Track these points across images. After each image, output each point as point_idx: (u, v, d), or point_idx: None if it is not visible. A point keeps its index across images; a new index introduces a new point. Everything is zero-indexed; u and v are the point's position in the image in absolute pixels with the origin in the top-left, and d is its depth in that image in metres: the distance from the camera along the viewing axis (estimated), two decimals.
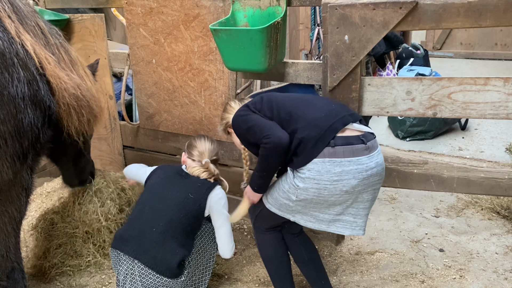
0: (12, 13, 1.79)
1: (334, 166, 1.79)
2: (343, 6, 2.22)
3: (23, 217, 1.95)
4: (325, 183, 1.81)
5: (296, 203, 1.92)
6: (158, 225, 2.14)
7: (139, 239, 2.12)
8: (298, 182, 1.86)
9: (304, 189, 1.85)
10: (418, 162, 2.43)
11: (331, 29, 2.28)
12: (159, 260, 2.06)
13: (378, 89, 2.34)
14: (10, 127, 1.67)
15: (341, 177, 1.80)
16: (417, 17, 2.12)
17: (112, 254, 2.18)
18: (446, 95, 2.21)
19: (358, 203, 1.91)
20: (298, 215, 1.97)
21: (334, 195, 1.84)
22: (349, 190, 1.83)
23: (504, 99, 2.12)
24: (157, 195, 2.26)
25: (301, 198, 1.88)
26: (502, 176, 2.29)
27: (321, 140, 1.82)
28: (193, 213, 2.21)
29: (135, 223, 2.19)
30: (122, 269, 2.11)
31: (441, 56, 7.84)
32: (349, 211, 1.92)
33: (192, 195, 2.22)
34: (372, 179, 1.88)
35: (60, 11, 3.47)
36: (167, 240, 2.11)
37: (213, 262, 2.38)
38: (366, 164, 1.83)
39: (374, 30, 2.20)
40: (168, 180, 2.32)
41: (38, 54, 1.83)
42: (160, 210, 2.18)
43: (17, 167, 1.76)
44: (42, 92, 1.81)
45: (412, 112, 2.31)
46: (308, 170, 1.83)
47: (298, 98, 2.07)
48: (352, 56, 2.27)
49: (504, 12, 1.98)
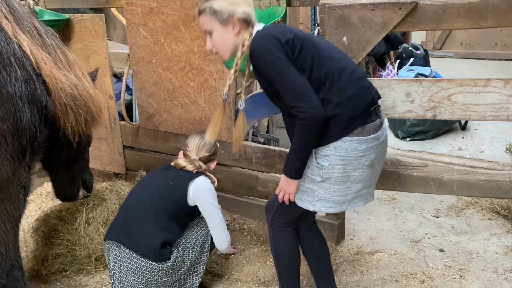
0: (9, 13, 1.82)
1: (360, 144, 1.80)
2: (342, 7, 2.20)
3: (22, 215, 1.96)
4: (350, 159, 1.82)
5: (321, 186, 1.86)
6: (139, 210, 2.23)
7: (123, 225, 2.23)
8: (322, 161, 1.82)
9: (330, 167, 1.82)
10: (418, 165, 2.40)
11: (329, 30, 2.26)
12: (141, 242, 2.15)
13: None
14: (9, 125, 1.70)
15: (365, 153, 1.83)
16: (416, 18, 2.11)
17: (105, 247, 2.28)
18: (446, 96, 2.19)
19: (372, 175, 1.95)
20: (319, 203, 1.90)
21: (357, 169, 1.84)
22: (369, 164, 1.86)
23: (505, 101, 2.10)
24: (141, 185, 2.38)
25: (326, 177, 1.84)
26: (503, 178, 2.26)
27: (355, 121, 1.79)
28: (174, 199, 2.25)
29: (120, 212, 2.32)
30: (111, 258, 2.21)
31: (441, 56, 7.84)
32: (366, 185, 1.95)
33: (172, 182, 2.29)
34: (383, 150, 1.94)
35: (60, 11, 3.47)
36: (149, 223, 2.19)
37: (206, 257, 2.37)
38: (381, 138, 1.88)
39: (373, 31, 2.18)
40: (154, 173, 2.42)
41: (35, 55, 1.85)
42: (140, 197, 2.29)
43: (16, 165, 1.78)
44: (38, 92, 1.84)
45: (411, 114, 2.28)
46: (335, 148, 1.80)
47: (333, 54, 1.86)
48: (351, 57, 2.24)
49: (505, 12, 1.96)
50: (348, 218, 3.09)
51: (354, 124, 1.79)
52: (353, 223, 3.10)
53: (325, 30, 2.28)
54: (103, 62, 3.22)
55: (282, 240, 2.14)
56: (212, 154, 2.43)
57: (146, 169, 3.48)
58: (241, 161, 2.98)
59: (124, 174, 3.57)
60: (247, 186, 3.06)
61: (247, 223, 3.12)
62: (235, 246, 2.85)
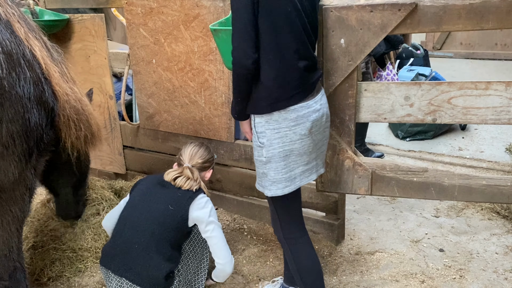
0: (21, 20, 1.85)
1: (289, 113, 1.89)
2: (339, 8, 2.14)
3: (26, 217, 1.96)
4: (284, 131, 1.90)
5: (269, 167, 1.95)
6: (140, 241, 2.10)
7: (123, 257, 2.09)
8: (261, 139, 1.94)
9: (269, 143, 1.92)
10: (418, 170, 2.34)
11: (326, 32, 2.19)
12: (145, 276, 2.05)
13: (375, 94, 2.26)
14: (18, 126, 1.71)
15: (297, 122, 1.90)
16: (416, 20, 2.05)
17: (102, 270, 2.17)
18: (446, 100, 2.14)
19: (316, 145, 2.02)
20: (274, 186, 1.97)
21: (296, 141, 1.92)
22: (306, 133, 1.93)
23: (506, 104, 2.05)
24: (138, 209, 2.20)
25: (269, 155, 1.93)
26: (504, 183, 2.21)
27: (286, 100, 1.88)
28: (175, 226, 2.15)
29: (117, 240, 2.16)
30: (112, 285, 2.11)
31: (441, 56, 7.84)
32: (312, 157, 2.02)
33: (172, 207, 2.16)
34: (321, 119, 1.99)
35: (60, 11, 3.47)
36: (152, 255, 2.08)
37: (207, 263, 2.36)
38: (314, 107, 1.94)
39: (371, 33, 2.12)
40: (148, 191, 2.25)
41: (45, 61, 1.88)
42: (140, 225, 2.14)
43: (22, 166, 1.79)
44: (46, 94, 1.85)
45: (410, 118, 2.23)
46: (266, 122, 1.91)
47: (291, 33, 1.86)
48: (349, 60, 2.20)
49: (507, 14, 1.91)
50: (348, 218, 3.09)
51: (286, 103, 1.88)
52: (353, 223, 3.10)
53: (321, 32, 2.21)
54: (103, 62, 3.22)
55: (304, 254, 2.09)
56: (206, 161, 2.32)
57: (146, 169, 3.48)
58: (241, 161, 2.97)
59: (124, 174, 3.57)
60: (247, 186, 3.06)
61: (247, 223, 3.12)
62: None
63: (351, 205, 3.31)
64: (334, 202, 2.79)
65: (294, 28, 1.84)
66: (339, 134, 2.37)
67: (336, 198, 2.77)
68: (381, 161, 2.43)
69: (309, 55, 1.92)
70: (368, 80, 3.75)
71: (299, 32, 1.86)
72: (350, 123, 2.33)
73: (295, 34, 1.84)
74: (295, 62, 1.86)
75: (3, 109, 1.64)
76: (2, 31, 1.69)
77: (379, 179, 2.37)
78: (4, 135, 1.67)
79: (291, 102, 1.88)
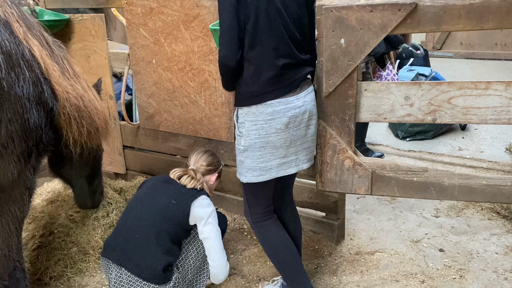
0: (20, 19, 1.84)
1: (266, 108, 1.97)
2: (339, 8, 2.14)
3: (26, 216, 1.97)
4: (261, 124, 1.98)
5: (246, 155, 2.04)
6: (141, 231, 2.17)
7: (124, 246, 2.16)
8: (241, 129, 2.04)
9: (247, 133, 2.01)
10: (418, 170, 2.34)
11: (326, 32, 2.20)
12: (143, 267, 2.10)
13: (375, 94, 2.26)
14: (17, 126, 1.71)
15: (274, 116, 1.98)
16: (416, 19, 2.05)
17: (102, 262, 2.22)
18: (446, 100, 2.14)
19: (295, 141, 2.07)
20: (249, 173, 2.06)
21: (271, 135, 1.99)
22: (282, 128, 1.99)
23: (506, 104, 2.06)
24: (142, 202, 2.28)
25: (247, 145, 2.02)
26: (504, 183, 2.20)
27: (262, 96, 1.97)
28: (176, 220, 2.21)
29: (120, 231, 2.24)
30: (112, 276, 2.15)
31: (441, 56, 7.84)
32: (291, 151, 2.08)
33: (175, 201, 2.23)
34: (302, 116, 2.05)
35: (60, 11, 3.47)
36: (151, 246, 2.13)
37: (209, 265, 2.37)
38: (293, 103, 2.00)
39: (371, 33, 2.12)
40: (154, 187, 2.34)
41: (44, 60, 1.87)
42: (143, 216, 2.21)
43: (22, 166, 1.79)
44: (46, 94, 1.85)
45: (410, 118, 2.23)
46: (246, 113, 2.01)
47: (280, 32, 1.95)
48: (349, 60, 2.20)
49: (507, 13, 1.91)
50: (348, 218, 3.09)
51: (258, 98, 1.97)
52: (353, 223, 3.10)
53: (321, 32, 2.22)
54: (103, 62, 3.22)
55: (271, 233, 2.19)
56: (210, 165, 2.41)
57: (146, 169, 3.48)
58: None
59: (124, 174, 3.57)
60: None
61: (247, 223, 3.11)
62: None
63: (351, 205, 3.32)
64: (334, 202, 2.79)
65: (273, 28, 1.91)
66: (339, 134, 2.37)
67: (336, 198, 2.77)
68: (381, 161, 2.43)
69: (291, 53, 1.98)
70: (368, 80, 3.74)
71: (278, 31, 1.93)
72: (350, 123, 2.34)
73: (274, 33, 1.92)
74: (273, 60, 1.93)
75: (2, 110, 1.64)
76: (1, 32, 1.69)
77: (379, 179, 2.37)
78: (3, 135, 1.67)
79: (267, 97, 1.96)
